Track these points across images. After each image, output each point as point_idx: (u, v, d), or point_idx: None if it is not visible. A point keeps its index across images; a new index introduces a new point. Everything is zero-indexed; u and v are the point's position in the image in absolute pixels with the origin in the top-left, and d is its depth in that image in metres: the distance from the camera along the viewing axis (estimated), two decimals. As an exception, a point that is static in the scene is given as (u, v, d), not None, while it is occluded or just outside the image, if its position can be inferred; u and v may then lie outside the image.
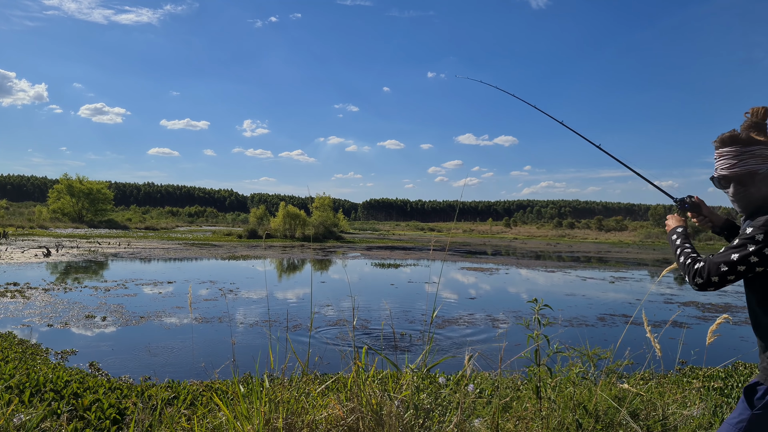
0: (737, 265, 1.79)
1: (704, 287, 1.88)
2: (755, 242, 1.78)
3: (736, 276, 1.81)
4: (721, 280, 1.83)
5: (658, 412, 3.42)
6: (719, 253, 1.87)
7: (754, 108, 1.89)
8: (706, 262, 1.88)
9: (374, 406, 2.89)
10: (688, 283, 1.92)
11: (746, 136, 1.90)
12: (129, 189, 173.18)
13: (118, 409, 3.86)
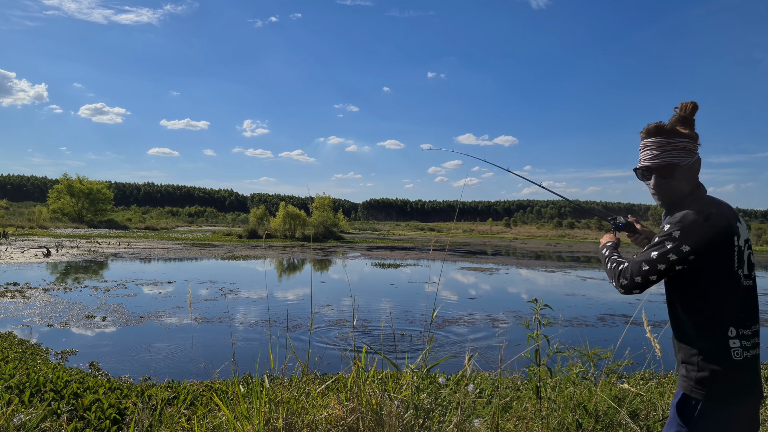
0: (657, 263, 1.74)
1: (629, 289, 1.83)
2: (672, 239, 1.73)
3: (658, 275, 1.76)
4: (644, 281, 1.78)
5: (658, 412, 3.42)
6: (641, 252, 1.82)
7: (683, 103, 1.87)
8: (629, 263, 1.83)
9: (374, 406, 2.89)
10: (615, 287, 1.87)
11: (671, 128, 1.87)
12: (129, 189, 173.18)
13: (118, 409, 3.86)
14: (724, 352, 1.69)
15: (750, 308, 1.76)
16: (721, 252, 1.73)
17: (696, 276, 1.74)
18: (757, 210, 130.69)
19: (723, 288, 1.73)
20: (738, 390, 1.70)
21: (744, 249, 1.79)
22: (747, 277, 1.77)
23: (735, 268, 1.74)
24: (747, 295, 1.76)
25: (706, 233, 1.71)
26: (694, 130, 1.87)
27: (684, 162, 1.83)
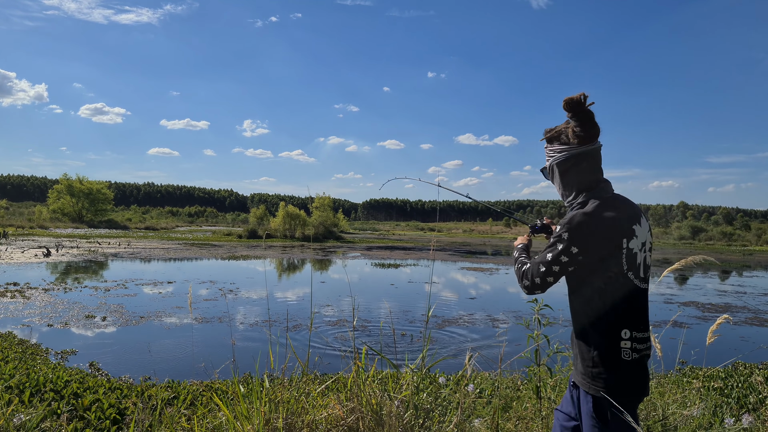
0: (551, 265, 1.76)
1: (531, 290, 1.84)
2: (561, 240, 1.74)
3: (554, 276, 1.77)
4: (542, 281, 1.80)
5: (658, 411, 3.42)
6: (540, 253, 1.83)
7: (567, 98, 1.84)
8: (531, 264, 1.84)
9: (374, 406, 2.89)
10: (520, 288, 1.89)
11: (565, 128, 1.87)
12: (129, 189, 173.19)
13: (118, 409, 3.86)
14: (615, 352, 1.71)
15: (643, 311, 1.77)
16: (608, 253, 1.71)
17: (588, 276, 1.76)
18: (758, 210, 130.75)
19: (614, 289, 1.72)
20: (628, 389, 1.72)
21: (639, 251, 1.75)
22: (642, 280, 1.76)
23: (625, 270, 1.72)
24: (640, 298, 1.76)
25: (592, 234, 1.70)
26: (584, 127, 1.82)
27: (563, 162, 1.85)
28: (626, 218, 1.75)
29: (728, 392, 4.78)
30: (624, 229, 1.73)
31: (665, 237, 54.06)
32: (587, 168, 1.84)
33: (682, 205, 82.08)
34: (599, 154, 1.86)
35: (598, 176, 1.85)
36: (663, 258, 30.05)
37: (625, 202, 1.81)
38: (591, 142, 1.83)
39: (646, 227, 1.80)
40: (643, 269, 1.77)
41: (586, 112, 1.79)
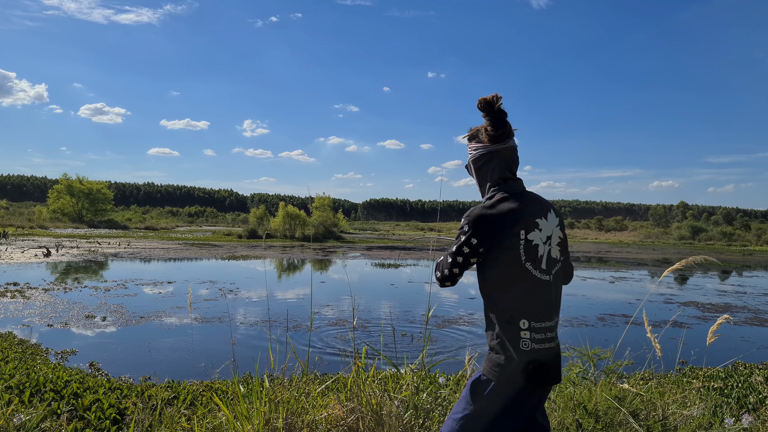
0: (456, 256, 1.83)
1: (441, 281, 1.91)
2: (463, 233, 1.82)
3: (459, 268, 1.84)
4: (450, 273, 1.86)
5: (658, 412, 3.41)
6: (450, 245, 1.91)
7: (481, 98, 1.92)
8: (443, 257, 1.92)
9: (374, 406, 2.89)
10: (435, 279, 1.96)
11: (476, 130, 1.97)
12: (129, 189, 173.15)
13: (118, 409, 3.86)
14: (515, 342, 1.78)
15: (544, 302, 1.82)
16: (505, 245, 1.79)
17: (490, 267, 1.83)
18: (758, 210, 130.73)
19: (513, 280, 1.80)
20: (523, 377, 1.77)
21: (542, 243, 1.83)
22: (543, 272, 1.82)
23: (523, 261, 1.79)
24: (542, 290, 1.82)
25: (489, 226, 1.79)
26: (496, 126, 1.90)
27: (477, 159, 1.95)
28: (528, 211, 1.83)
29: (728, 392, 4.78)
30: (523, 221, 1.81)
31: (665, 237, 54.06)
32: (497, 166, 1.92)
33: (682, 205, 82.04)
34: (511, 153, 1.93)
35: (508, 174, 1.93)
36: (663, 257, 30.05)
37: (532, 197, 1.90)
38: (502, 142, 1.90)
39: (554, 223, 1.88)
40: (547, 262, 1.83)
41: (497, 112, 1.88)
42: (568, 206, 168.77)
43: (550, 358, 1.82)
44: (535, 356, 1.78)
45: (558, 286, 1.89)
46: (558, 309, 1.88)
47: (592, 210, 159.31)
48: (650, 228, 61.62)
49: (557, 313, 1.87)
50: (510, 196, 1.85)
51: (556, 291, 1.87)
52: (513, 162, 1.94)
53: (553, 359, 1.83)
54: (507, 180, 1.91)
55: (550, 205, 1.92)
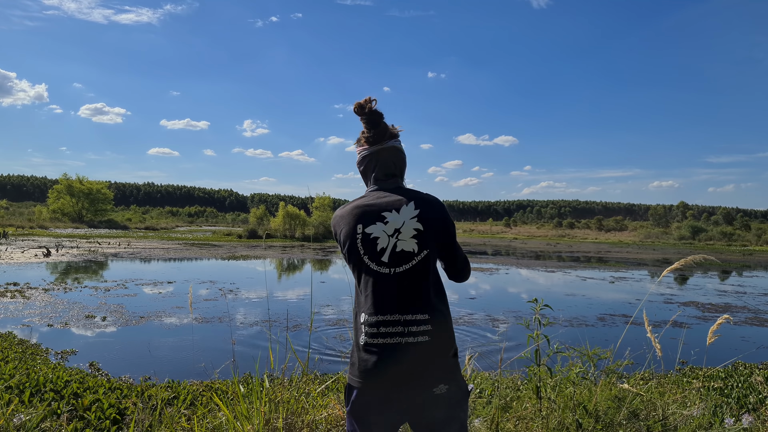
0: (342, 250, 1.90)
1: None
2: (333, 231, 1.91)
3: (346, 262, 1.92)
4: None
5: (658, 412, 3.41)
6: None
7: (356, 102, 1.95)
8: None
9: (374, 406, 2.88)
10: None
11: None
12: (129, 189, 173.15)
13: (118, 409, 3.86)
14: (357, 338, 1.76)
15: (388, 297, 1.73)
16: (348, 241, 1.81)
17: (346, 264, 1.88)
18: (758, 210, 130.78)
19: (357, 275, 1.83)
20: (364, 375, 1.71)
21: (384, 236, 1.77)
22: (385, 265, 1.75)
23: (361, 255, 1.79)
24: (384, 284, 1.74)
25: (337, 225, 1.87)
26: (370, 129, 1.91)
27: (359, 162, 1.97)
28: (374, 205, 1.82)
29: (728, 392, 4.78)
30: (363, 216, 1.80)
31: (665, 237, 54.06)
32: (376, 167, 1.92)
33: (682, 205, 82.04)
34: (390, 155, 1.92)
35: (380, 175, 1.91)
36: (663, 257, 30.05)
37: (392, 192, 1.86)
38: (379, 143, 1.90)
39: (409, 215, 1.78)
40: (390, 255, 1.75)
41: (369, 114, 1.88)
42: (568, 206, 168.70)
43: (400, 354, 1.68)
44: (375, 352, 1.69)
45: (412, 279, 1.74)
46: (413, 304, 1.72)
47: (592, 210, 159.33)
48: (650, 228, 61.62)
49: (413, 308, 1.72)
50: (367, 195, 1.89)
51: (407, 285, 1.73)
52: (392, 164, 1.91)
53: (405, 356, 1.68)
54: (377, 181, 1.90)
55: (415, 198, 1.81)
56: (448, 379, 1.74)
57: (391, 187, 1.88)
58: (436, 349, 1.74)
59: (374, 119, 1.89)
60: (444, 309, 1.81)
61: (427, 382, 1.70)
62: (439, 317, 1.77)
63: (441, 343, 1.76)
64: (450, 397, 1.74)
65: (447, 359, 1.77)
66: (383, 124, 1.91)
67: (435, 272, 1.81)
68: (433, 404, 1.71)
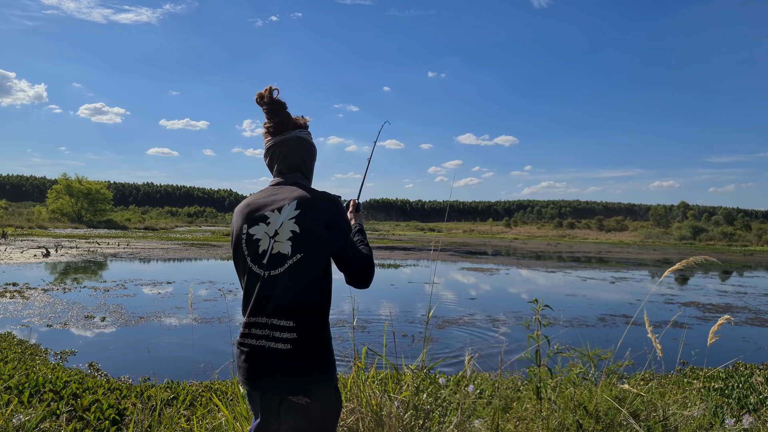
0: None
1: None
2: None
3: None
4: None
5: (659, 412, 3.40)
6: None
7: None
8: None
9: (374, 407, 2.88)
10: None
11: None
12: (128, 189, 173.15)
13: (118, 410, 3.85)
14: (238, 338, 1.75)
15: (263, 299, 1.69)
16: (234, 240, 1.81)
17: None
18: (758, 210, 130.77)
19: (240, 275, 1.80)
20: (241, 376, 1.75)
21: (269, 238, 1.72)
22: (264, 267, 1.71)
23: (245, 256, 1.76)
24: (261, 286, 1.70)
25: (233, 219, 1.85)
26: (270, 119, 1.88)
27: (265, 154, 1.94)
28: (260, 204, 1.78)
29: (729, 393, 4.78)
30: (248, 216, 1.78)
31: (666, 237, 54.05)
32: (275, 160, 1.89)
33: (683, 205, 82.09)
34: (293, 146, 1.87)
35: (283, 168, 1.88)
36: (663, 258, 30.05)
37: (281, 190, 1.80)
38: (280, 134, 1.87)
39: (288, 215, 1.71)
40: (269, 257, 1.70)
41: (269, 104, 1.85)
42: (568, 206, 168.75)
43: (264, 357, 1.66)
44: (244, 352, 1.70)
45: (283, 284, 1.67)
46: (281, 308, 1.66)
47: (592, 210, 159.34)
48: (651, 228, 61.64)
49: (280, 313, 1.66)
50: (265, 189, 1.85)
51: (278, 289, 1.68)
52: (297, 155, 1.87)
53: (267, 360, 1.66)
54: (286, 174, 1.86)
55: (299, 198, 1.73)
56: (309, 392, 1.64)
57: (290, 182, 1.82)
58: (298, 358, 1.64)
59: (274, 108, 1.85)
60: (316, 318, 1.68)
61: (283, 390, 1.66)
62: (306, 326, 1.66)
63: (304, 352, 1.64)
64: (310, 410, 1.65)
65: (310, 370, 1.65)
66: (285, 114, 1.87)
67: (314, 278, 1.68)
68: (289, 413, 1.67)
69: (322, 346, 1.68)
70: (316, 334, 1.67)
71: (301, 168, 1.89)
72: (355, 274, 1.73)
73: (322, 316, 1.69)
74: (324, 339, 1.69)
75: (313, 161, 1.95)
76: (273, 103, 1.85)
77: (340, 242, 1.71)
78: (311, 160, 1.94)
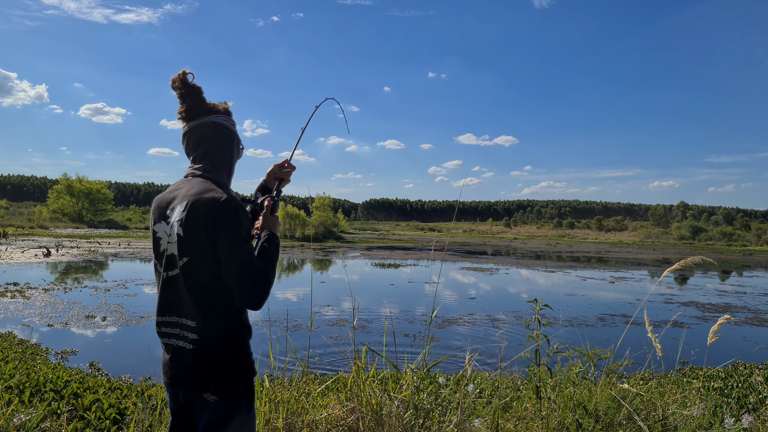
0: None
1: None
2: None
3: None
4: None
5: (658, 412, 3.41)
6: None
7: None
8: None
9: (374, 406, 2.89)
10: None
11: None
12: (129, 189, 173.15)
13: (118, 409, 3.86)
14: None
15: (166, 298, 1.69)
16: (151, 235, 1.76)
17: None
18: (758, 210, 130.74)
19: (154, 272, 1.77)
20: (162, 373, 1.76)
21: (164, 237, 1.68)
22: (165, 267, 1.68)
23: (154, 253, 1.74)
24: (165, 285, 1.68)
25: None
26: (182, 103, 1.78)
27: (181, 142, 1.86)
28: (165, 200, 1.72)
29: (728, 392, 4.78)
30: (155, 212, 1.74)
31: (665, 237, 54.05)
32: (187, 147, 1.81)
33: (683, 205, 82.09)
34: (199, 133, 1.77)
35: (197, 156, 1.78)
36: (663, 257, 30.05)
37: (183, 186, 1.72)
38: (191, 121, 1.77)
39: (177, 217, 1.64)
40: (166, 258, 1.67)
41: (182, 88, 1.76)
42: (568, 206, 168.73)
43: (174, 354, 1.66)
44: (163, 349, 1.72)
45: (181, 285, 1.64)
46: (184, 308, 1.65)
47: (592, 210, 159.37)
48: (650, 228, 61.63)
49: (185, 312, 1.65)
50: (177, 182, 1.78)
51: (178, 289, 1.65)
52: (211, 142, 1.77)
53: (176, 357, 1.66)
54: (199, 163, 1.76)
55: (190, 197, 1.63)
56: (216, 391, 1.64)
57: (197, 174, 1.73)
58: (201, 357, 1.63)
59: (186, 92, 1.75)
60: (218, 318, 1.64)
61: (193, 386, 1.66)
62: (208, 327, 1.63)
63: (207, 352, 1.63)
64: (218, 409, 1.64)
65: (215, 371, 1.63)
66: (199, 99, 1.76)
67: (209, 280, 1.62)
68: (202, 408, 1.67)
69: (227, 347, 1.65)
70: (218, 336, 1.64)
71: (215, 156, 1.78)
72: (235, 290, 1.59)
73: (223, 316, 1.64)
74: (229, 338, 1.65)
75: (231, 148, 1.84)
76: (185, 87, 1.75)
77: (220, 251, 1.58)
78: (229, 147, 1.83)
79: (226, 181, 1.80)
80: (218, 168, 1.78)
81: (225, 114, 1.84)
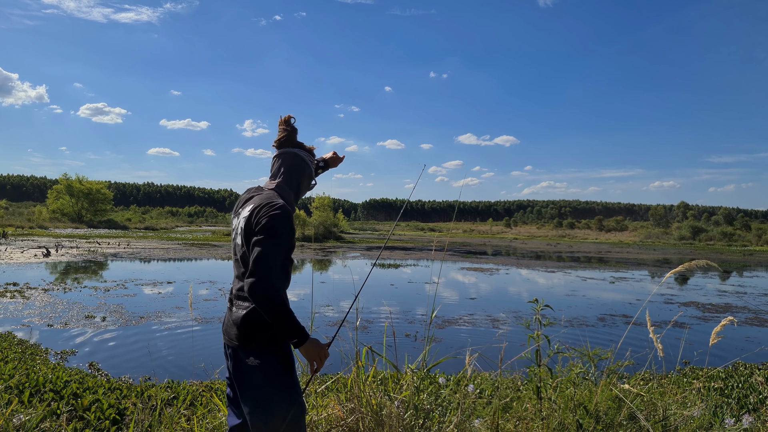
0: None
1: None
2: None
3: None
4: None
5: (659, 412, 3.41)
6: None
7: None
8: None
9: (374, 407, 2.88)
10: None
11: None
12: (129, 189, 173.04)
13: (118, 410, 3.85)
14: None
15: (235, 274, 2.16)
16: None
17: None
18: (758, 210, 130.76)
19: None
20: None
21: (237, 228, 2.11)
22: (232, 251, 2.15)
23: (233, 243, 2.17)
24: (235, 264, 2.13)
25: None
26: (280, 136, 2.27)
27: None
28: (242, 201, 2.21)
29: (728, 392, 4.78)
30: (234, 209, 2.23)
31: (666, 237, 54.03)
32: (272, 167, 2.30)
33: (683, 205, 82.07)
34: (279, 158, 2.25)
35: (272, 173, 2.27)
36: (663, 258, 30.04)
37: (259, 191, 2.20)
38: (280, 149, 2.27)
39: (244, 214, 2.07)
40: (234, 245, 2.12)
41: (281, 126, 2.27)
42: (568, 206, 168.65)
43: (227, 317, 2.13)
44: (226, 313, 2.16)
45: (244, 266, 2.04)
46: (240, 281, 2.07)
47: (592, 210, 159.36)
48: (651, 228, 61.63)
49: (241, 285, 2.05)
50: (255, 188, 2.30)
51: (240, 268, 2.08)
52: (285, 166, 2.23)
53: (227, 319, 2.12)
54: (272, 177, 2.25)
55: (255, 199, 2.10)
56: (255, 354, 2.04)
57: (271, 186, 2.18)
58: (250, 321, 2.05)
59: (287, 129, 2.25)
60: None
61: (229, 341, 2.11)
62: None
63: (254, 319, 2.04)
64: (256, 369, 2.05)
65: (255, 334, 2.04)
66: (292, 136, 2.25)
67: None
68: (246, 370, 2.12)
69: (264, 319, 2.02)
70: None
71: (290, 178, 2.21)
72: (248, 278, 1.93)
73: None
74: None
75: (301, 175, 2.25)
76: (288, 126, 2.25)
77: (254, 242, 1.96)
78: (301, 174, 2.25)
79: (291, 199, 2.20)
80: (289, 187, 2.21)
81: (307, 152, 2.30)
